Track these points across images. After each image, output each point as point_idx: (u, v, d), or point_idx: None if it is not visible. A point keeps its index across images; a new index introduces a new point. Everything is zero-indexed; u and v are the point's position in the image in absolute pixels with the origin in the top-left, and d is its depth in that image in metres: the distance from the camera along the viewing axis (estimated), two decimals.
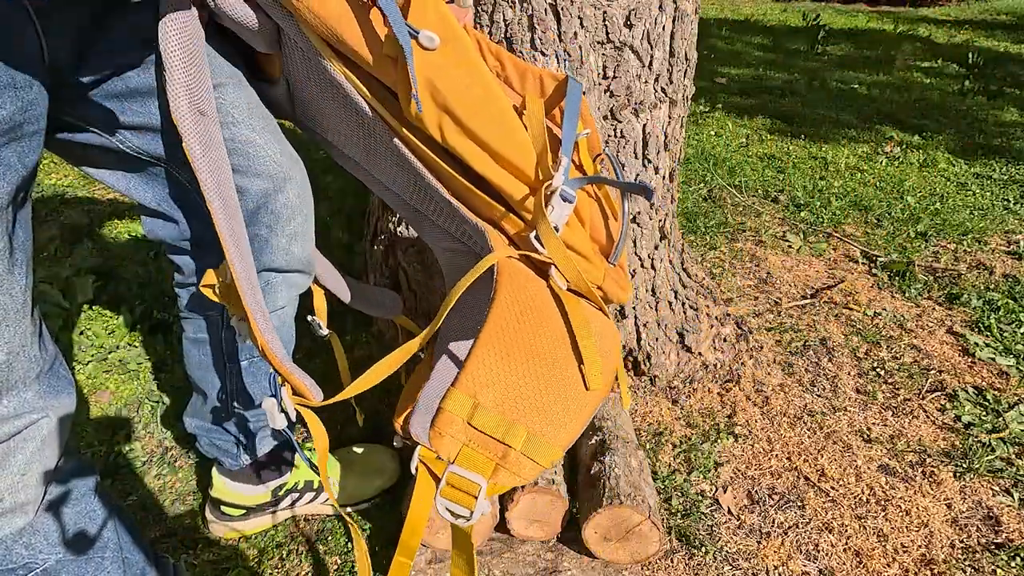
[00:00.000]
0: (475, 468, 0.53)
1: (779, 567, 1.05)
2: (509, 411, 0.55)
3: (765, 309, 1.72)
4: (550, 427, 0.56)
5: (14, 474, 0.61)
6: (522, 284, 0.64)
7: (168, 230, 0.83)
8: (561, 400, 0.58)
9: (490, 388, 0.55)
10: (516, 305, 0.62)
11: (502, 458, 0.53)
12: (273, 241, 0.84)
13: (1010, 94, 3.85)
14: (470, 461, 0.53)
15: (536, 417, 0.56)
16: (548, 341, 0.61)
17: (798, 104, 3.62)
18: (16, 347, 0.58)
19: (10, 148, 0.54)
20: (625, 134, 1.20)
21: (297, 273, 0.92)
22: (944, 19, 6.90)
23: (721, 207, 2.33)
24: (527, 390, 0.57)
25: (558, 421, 0.57)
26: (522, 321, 0.61)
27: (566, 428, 0.58)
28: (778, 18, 6.79)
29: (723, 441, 1.29)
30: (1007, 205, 2.36)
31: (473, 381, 0.55)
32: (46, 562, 0.66)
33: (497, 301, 0.62)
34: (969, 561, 1.06)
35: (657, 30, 1.14)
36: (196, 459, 1.26)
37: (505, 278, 0.64)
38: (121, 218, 2.12)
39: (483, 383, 0.55)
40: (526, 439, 0.54)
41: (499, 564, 0.98)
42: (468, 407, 0.54)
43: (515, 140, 0.66)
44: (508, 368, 0.57)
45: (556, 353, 0.61)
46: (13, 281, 0.57)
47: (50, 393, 0.63)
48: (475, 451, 0.53)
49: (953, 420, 1.36)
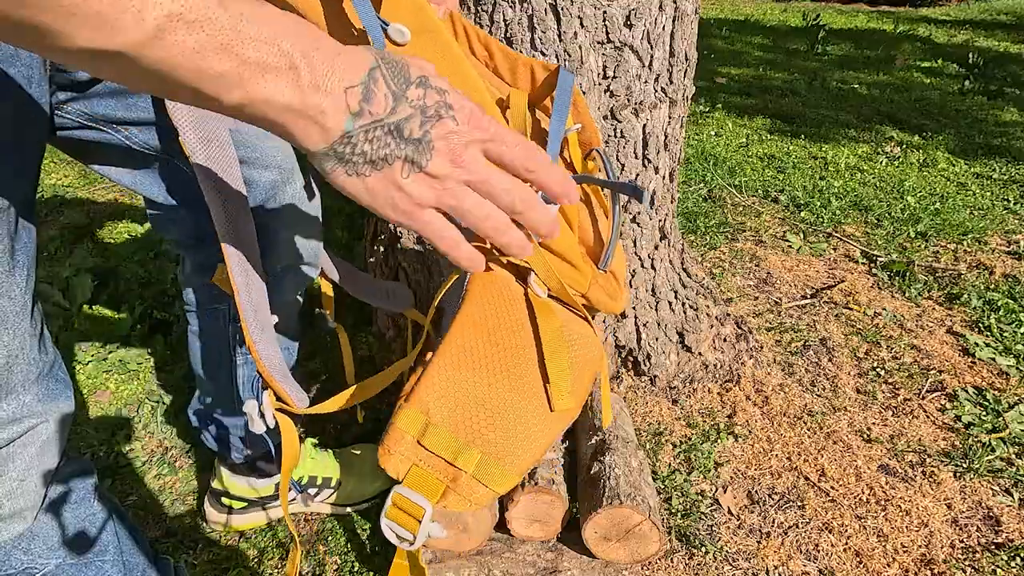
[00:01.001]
0: (423, 490, 0.49)
1: (779, 567, 1.05)
2: (463, 431, 0.51)
3: (765, 309, 1.72)
4: (508, 451, 0.52)
5: (13, 480, 0.60)
6: (494, 292, 0.61)
7: (176, 225, 0.83)
8: (523, 422, 0.54)
9: (444, 405, 0.51)
10: (484, 315, 0.58)
11: (452, 481, 0.50)
12: (282, 233, 0.84)
13: (1010, 94, 3.85)
14: (419, 482, 0.49)
15: (493, 439, 0.52)
16: (514, 356, 0.57)
17: (798, 104, 3.62)
18: (15, 349, 0.58)
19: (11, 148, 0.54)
20: (625, 134, 1.20)
21: (306, 266, 0.92)
22: (944, 19, 6.90)
23: (721, 207, 2.33)
24: (486, 409, 0.53)
25: (518, 445, 0.53)
26: (488, 333, 0.57)
27: (526, 452, 0.53)
28: (778, 18, 6.79)
29: (723, 441, 1.29)
30: (1007, 205, 2.36)
31: (426, 395, 0.51)
32: (45, 567, 0.65)
33: (463, 311, 0.58)
34: (969, 561, 1.06)
35: (657, 30, 1.14)
36: (196, 459, 1.26)
37: (476, 285, 0.61)
38: (121, 218, 2.12)
39: (437, 398, 0.51)
40: (479, 462, 0.50)
41: (499, 564, 0.98)
42: (419, 425, 0.50)
43: None
44: (466, 385, 0.53)
45: (522, 370, 0.57)
46: (13, 283, 0.56)
47: (48, 397, 0.62)
48: (425, 472, 0.49)
49: (953, 420, 1.36)
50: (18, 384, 0.59)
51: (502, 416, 0.53)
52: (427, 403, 0.51)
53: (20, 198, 0.57)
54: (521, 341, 0.58)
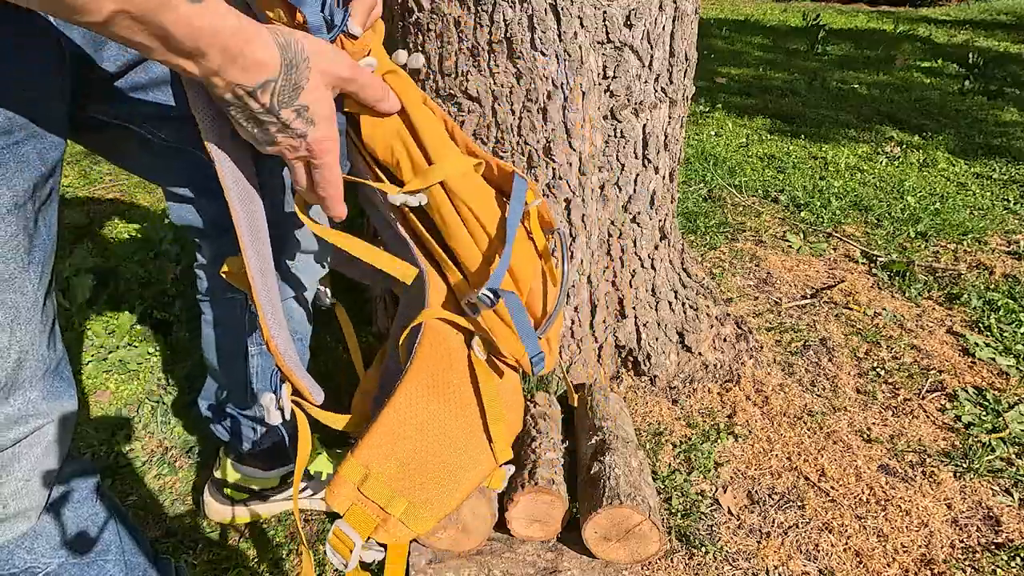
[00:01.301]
0: (358, 526, 0.58)
1: (779, 567, 1.05)
2: (396, 484, 0.60)
3: (765, 309, 1.72)
4: (432, 501, 0.61)
5: (18, 480, 0.61)
6: (441, 352, 0.68)
7: (196, 215, 0.84)
8: (452, 478, 0.63)
9: (382, 461, 0.60)
10: (430, 376, 0.66)
11: (383, 521, 0.59)
12: (298, 222, 0.85)
13: (1010, 94, 3.85)
14: (355, 519, 0.58)
15: (420, 492, 0.61)
16: (454, 416, 0.65)
17: (798, 104, 3.62)
18: (27, 345, 0.58)
19: (29, 144, 0.54)
20: (625, 134, 1.20)
21: (317, 260, 0.93)
22: (944, 19, 6.90)
23: (721, 207, 2.33)
24: (419, 466, 0.62)
25: (442, 496, 0.62)
26: (432, 392, 0.65)
27: (449, 502, 0.63)
28: (778, 18, 6.79)
29: (723, 441, 1.29)
30: (1007, 205, 2.36)
31: (368, 454, 0.60)
32: (48, 566, 0.65)
33: (412, 370, 0.65)
34: (969, 561, 1.06)
35: (657, 30, 1.14)
36: (196, 459, 1.26)
37: (427, 343, 0.67)
38: (121, 218, 2.12)
39: (377, 455, 0.60)
40: (406, 509, 0.60)
41: (499, 564, 0.98)
42: (360, 475, 0.59)
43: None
44: (404, 443, 0.61)
45: (459, 430, 0.65)
46: (27, 279, 0.56)
47: (53, 395, 0.62)
48: (361, 511, 0.59)
49: (953, 420, 1.36)
50: (26, 380, 0.59)
51: (434, 472, 0.62)
52: (368, 459, 0.60)
53: (39, 194, 0.57)
54: (462, 400, 0.67)
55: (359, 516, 0.59)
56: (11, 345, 0.56)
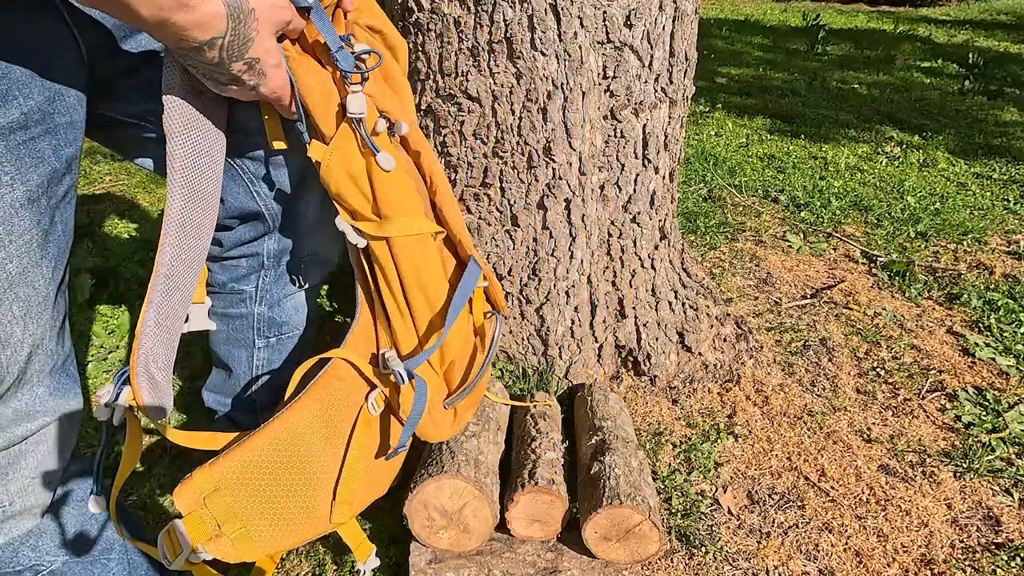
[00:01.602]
0: (191, 532, 0.58)
1: (779, 567, 1.05)
2: (239, 507, 0.60)
3: (765, 309, 1.72)
4: (266, 536, 0.62)
5: (24, 477, 0.61)
6: (338, 395, 0.68)
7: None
8: (293, 522, 0.64)
9: (234, 482, 0.60)
10: (319, 412, 0.66)
11: (216, 536, 0.59)
12: (310, 214, 0.86)
13: (1010, 94, 3.85)
14: (192, 525, 0.58)
15: (259, 523, 0.61)
16: (317, 463, 0.66)
17: (798, 104, 3.62)
18: (39, 339, 0.58)
19: (44, 140, 0.54)
20: (625, 134, 1.20)
21: (319, 257, 0.94)
22: (944, 19, 6.90)
23: (721, 207, 2.33)
24: (268, 500, 0.62)
25: (277, 535, 0.63)
26: (306, 433, 0.65)
27: (282, 543, 0.64)
28: (778, 18, 6.79)
29: (723, 441, 1.29)
30: (1007, 205, 2.36)
31: (225, 471, 0.60)
32: (52, 564, 0.66)
33: (301, 402, 0.65)
34: (969, 561, 1.06)
35: (657, 30, 1.14)
36: (196, 459, 1.25)
37: (326, 379, 0.68)
38: (121, 218, 2.12)
39: (232, 477, 0.60)
40: (239, 534, 0.60)
41: (499, 564, 0.98)
42: (210, 487, 0.59)
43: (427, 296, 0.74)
44: (260, 475, 0.62)
45: (317, 477, 0.66)
46: (39, 274, 0.56)
47: (59, 392, 0.62)
48: (199, 520, 0.58)
49: (953, 420, 1.36)
50: (35, 375, 0.59)
51: (280, 508, 0.63)
52: (223, 476, 0.60)
53: (55, 190, 0.57)
54: (332, 449, 0.67)
55: (195, 523, 0.58)
56: (24, 339, 0.56)
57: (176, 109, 0.60)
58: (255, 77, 0.59)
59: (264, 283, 0.93)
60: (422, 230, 0.72)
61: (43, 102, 0.53)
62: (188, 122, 0.62)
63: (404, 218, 0.70)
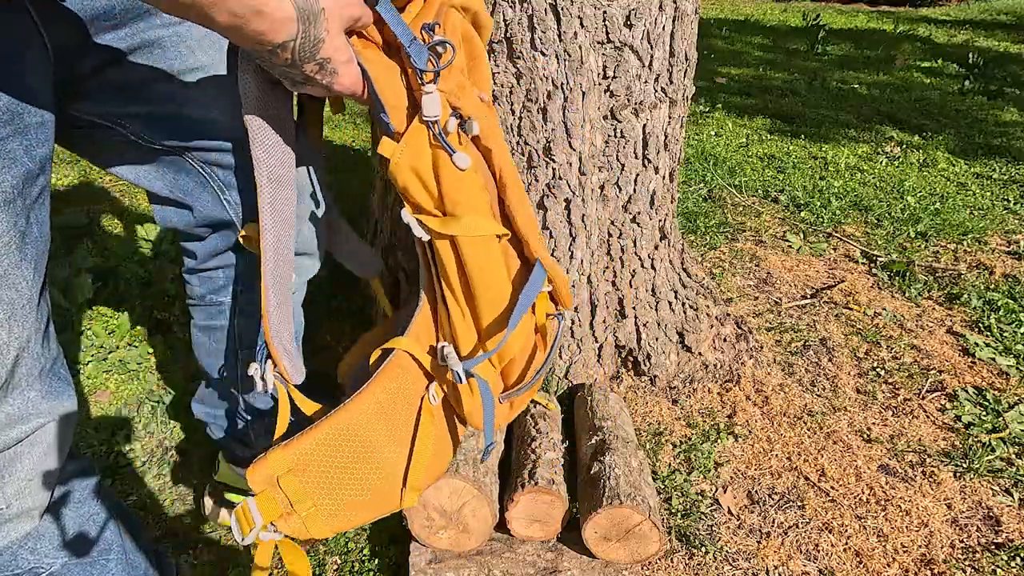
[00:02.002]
0: (263, 509, 0.62)
1: (779, 567, 1.05)
2: (311, 487, 0.64)
3: (765, 309, 1.72)
4: (336, 514, 0.67)
5: (21, 479, 0.61)
6: (399, 384, 0.72)
7: (181, 217, 0.83)
8: (361, 503, 0.69)
9: (306, 463, 0.64)
10: (382, 401, 0.70)
11: (287, 514, 0.64)
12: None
13: (1010, 94, 3.85)
14: (264, 503, 0.62)
15: (329, 502, 0.66)
16: (382, 449, 0.70)
17: (798, 104, 3.62)
18: (24, 342, 0.58)
19: (15, 140, 0.54)
20: (625, 134, 1.20)
21: (304, 256, 0.92)
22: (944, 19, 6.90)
23: (721, 207, 2.33)
24: (338, 480, 0.66)
25: (347, 514, 0.68)
26: (379, 418, 0.69)
27: (352, 520, 0.69)
28: (778, 18, 6.79)
29: (723, 441, 1.29)
30: (1007, 205, 2.36)
31: (298, 453, 0.64)
32: (51, 566, 0.65)
33: (366, 391, 0.69)
34: (969, 561, 1.06)
35: (657, 30, 1.14)
36: (196, 459, 1.26)
37: (389, 370, 0.71)
38: (121, 218, 2.12)
39: (304, 458, 0.64)
40: (309, 512, 0.64)
41: (499, 564, 0.98)
42: (283, 468, 0.63)
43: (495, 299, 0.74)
44: (334, 455, 0.66)
45: (389, 461, 0.70)
46: (20, 276, 0.56)
47: (52, 394, 0.62)
48: (271, 498, 0.63)
49: (953, 420, 1.36)
50: (23, 379, 0.59)
51: (349, 490, 0.67)
52: (296, 457, 0.64)
53: (28, 191, 0.57)
54: (401, 436, 0.71)
55: (267, 501, 0.62)
56: (9, 342, 0.56)
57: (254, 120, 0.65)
58: (327, 76, 0.61)
59: (242, 293, 0.92)
60: (487, 231, 0.70)
61: (10, 102, 0.53)
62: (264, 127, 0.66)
63: (469, 217, 0.69)
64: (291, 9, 0.53)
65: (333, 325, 1.62)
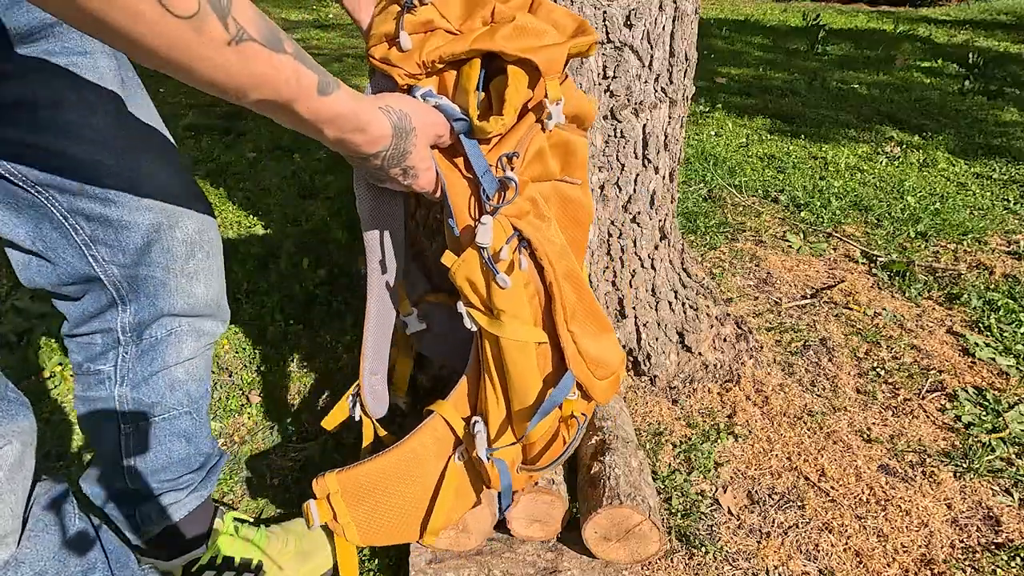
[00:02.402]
0: (320, 512, 0.82)
1: (779, 567, 1.05)
2: (350, 509, 0.83)
3: (765, 309, 1.72)
4: (366, 532, 0.84)
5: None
6: (432, 441, 0.85)
7: (46, 273, 0.75)
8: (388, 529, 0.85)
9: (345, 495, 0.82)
10: (414, 454, 0.84)
11: (332, 519, 0.82)
12: (171, 282, 0.79)
13: (1010, 94, 3.85)
14: (320, 508, 0.82)
15: (364, 522, 0.83)
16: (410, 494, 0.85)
17: (798, 104, 3.62)
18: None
19: None
20: (625, 134, 1.20)
21: (205, 318, 0.86)
22: (944, 19, 6.90)
23: (721, 207, 2.33)
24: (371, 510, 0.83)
25: (375, 533, 0.85)
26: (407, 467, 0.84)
27: (376, 539, 0.85)
28: (778, 18, 6.80)
29: (723, 441, 1.29)
30: (1007, 205, 2.36)
31: (342, 484, 0.82)
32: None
33: (403, 445, 0.84)
34: (969, 561, 1.06)
35: (657, 30, 1.14)
36: None
37: (427, 430, 0.85)
38: None
39: (347, 490, 0.82)
40: (347, 524, 0.82)
41: (499, 564, 0.98)
42: (333, 489, 0.81)
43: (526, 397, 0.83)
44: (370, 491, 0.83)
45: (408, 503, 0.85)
46: None
47: (5, 419, 0.60)
48: (324, 506, 0.82)
49: (953, 420, 1.36)
50: None
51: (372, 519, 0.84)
52: (341, 484, 0.82)
53: None
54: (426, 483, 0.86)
55: (322, 508, 0.82)
56: None
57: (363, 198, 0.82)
58: (408, 178, 0.71)
59: (124, 361, 0.83)
60: (527, 338, 0.78)
61: None
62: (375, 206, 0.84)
63: (512, 323, 0.76)
64: (388, 128, 0.62)
65: (333, 325, 1.62)
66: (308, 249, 1.95)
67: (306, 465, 1.23)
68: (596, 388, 0.87)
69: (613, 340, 0.88)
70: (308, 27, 5.57)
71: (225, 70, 0.46)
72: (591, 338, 0.84)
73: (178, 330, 0.84)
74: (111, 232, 0.73)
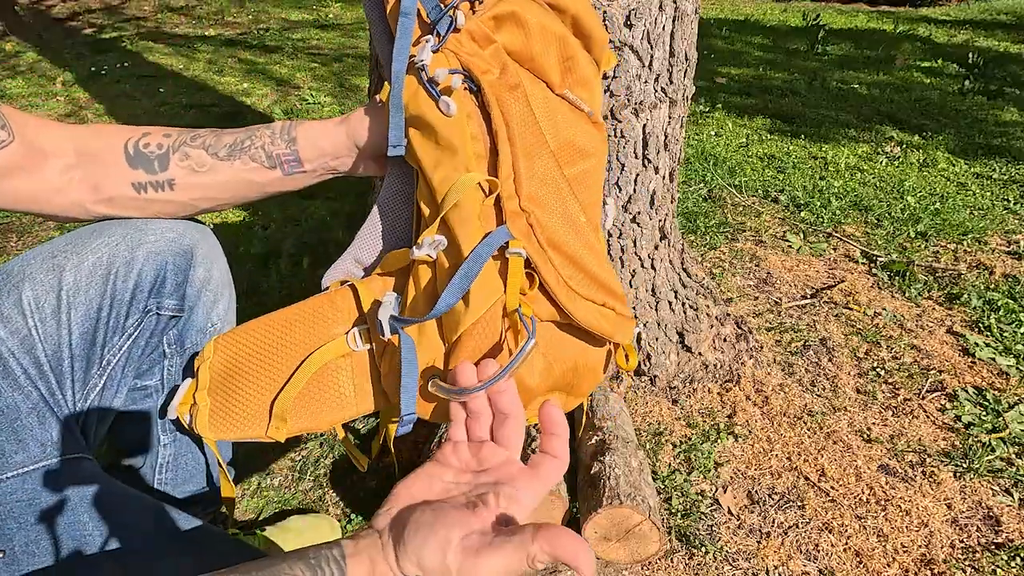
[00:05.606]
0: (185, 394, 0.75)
1: (779, 567, 1.05)
2: (211, 381, 0.74)
3: (765, 309, 1.72)
4: (216, 417, 0.73)
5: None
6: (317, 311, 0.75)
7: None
8: (240, 414, 0.72)
9: (216, 359, 0.74)
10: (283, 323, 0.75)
11: (190, 404, 0.75)
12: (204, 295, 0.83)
13: (1010, 94, 3.85)
14: (189, 389, 0.76)
15: (218, 402, 0.73)
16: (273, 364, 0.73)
17: (798, 104, 3.62)
18: None
19: None
20: (625, 134, 1.20)
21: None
22: (944, 19, 6.90)
23: (721, 207, 2.33)
24: (230, 383, 0.73)
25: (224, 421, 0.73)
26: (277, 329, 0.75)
27: (223, 430, 0.73)
28: (778, 18, 6.79)
29: (723, 441, 1.29)
30: (1007, 205, 2.36)
31: (215, 346, 0.74)
32: None
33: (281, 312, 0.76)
34: (969, 561, 1.06)
35: (657, 30, 1.14)
36: None
37: (318, 298, 0.77)
38: None
39: (218, 352, 0.74)
40: (202, 406, 0.73)
41: None
42: (209, 354, 0.74)
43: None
44: (234, 357, 0.74)
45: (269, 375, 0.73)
46: None
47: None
48: (191, 385, 0.75)
49: (953, 420, 1.36)
50: None
51: (229, 396, 0.72)
52: (214, 346, 0.74)
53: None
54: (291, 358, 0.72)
55: (188, 388, 0.74)
56: None
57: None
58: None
59: (170, 373, 0.85)
60: (466, 181, 0.65)
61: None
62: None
63: (454, 159, 0.67)
64: None
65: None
66: (308, 249, 1.95)
67: (306, 465, 1.23)
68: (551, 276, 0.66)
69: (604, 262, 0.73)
70: (308, 27, 5.57)
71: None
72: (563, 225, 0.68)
73: (211, 331, 0.86)
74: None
